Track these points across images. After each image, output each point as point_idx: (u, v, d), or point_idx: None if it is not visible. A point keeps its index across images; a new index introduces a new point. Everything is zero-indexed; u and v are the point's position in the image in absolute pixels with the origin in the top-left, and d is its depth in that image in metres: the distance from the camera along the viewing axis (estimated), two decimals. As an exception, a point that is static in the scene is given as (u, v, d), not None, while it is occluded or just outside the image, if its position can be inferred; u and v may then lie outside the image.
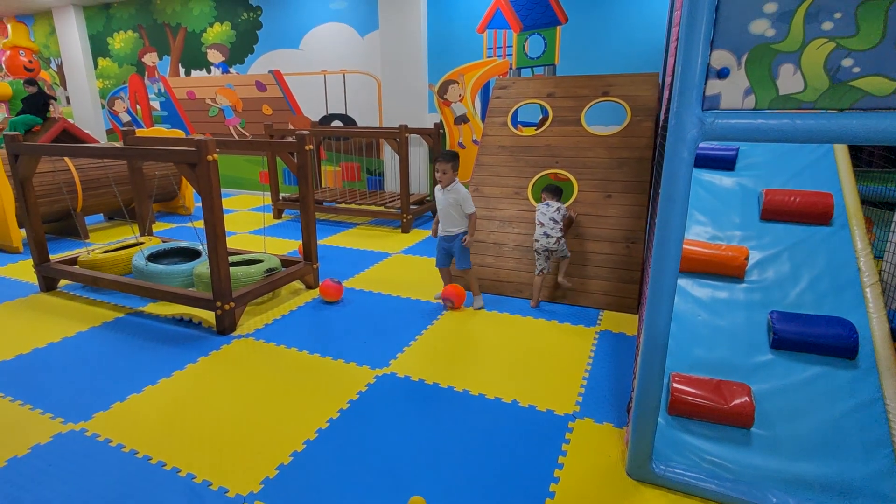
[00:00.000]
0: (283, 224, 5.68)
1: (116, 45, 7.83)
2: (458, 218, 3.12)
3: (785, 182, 2.63)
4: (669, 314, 1.60)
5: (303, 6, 6.35)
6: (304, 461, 1.87)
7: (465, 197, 3.09)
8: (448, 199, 3.09)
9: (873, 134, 1.33)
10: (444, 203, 3.12)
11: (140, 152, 2.95)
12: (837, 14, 1.30)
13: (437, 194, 3.17)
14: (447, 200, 3.10)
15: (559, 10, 5.12)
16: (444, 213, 3.14)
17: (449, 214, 3.13)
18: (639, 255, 3.31)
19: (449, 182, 3.08)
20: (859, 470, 1.69)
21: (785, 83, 1.38)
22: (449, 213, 3.12)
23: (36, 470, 1.84)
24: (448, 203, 3.10)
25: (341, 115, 6.55)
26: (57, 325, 3.03)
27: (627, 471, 1.80)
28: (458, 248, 3.17)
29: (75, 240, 4.91)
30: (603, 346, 2.77)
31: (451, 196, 3.08)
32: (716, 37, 1.41)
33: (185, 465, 1.85)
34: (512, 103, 4.22)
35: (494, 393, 2.32)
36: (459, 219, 3.13)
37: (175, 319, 3.10)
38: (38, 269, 3.54)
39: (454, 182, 3.10)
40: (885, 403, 1.82)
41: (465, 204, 3.08)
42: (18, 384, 2.40)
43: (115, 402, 2.25)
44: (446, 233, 3.19)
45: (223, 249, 2.78)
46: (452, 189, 3.08)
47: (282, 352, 2.70)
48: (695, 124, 1.45)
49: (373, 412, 2.18)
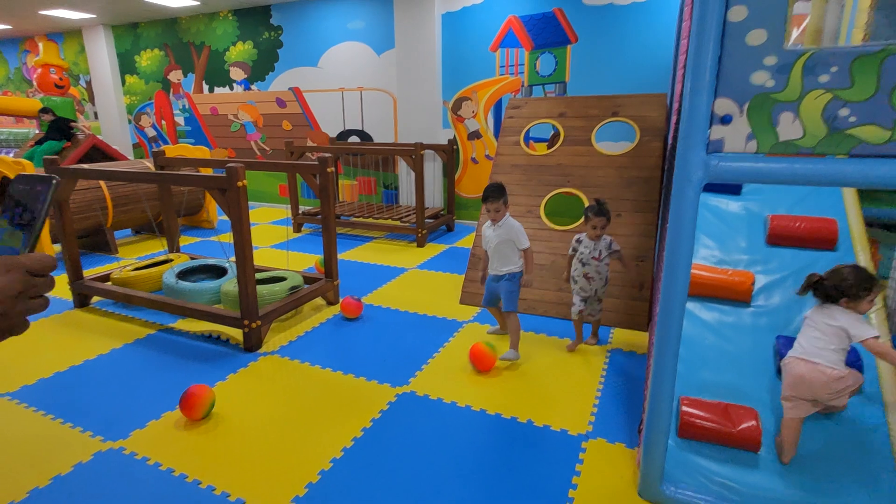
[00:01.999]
0: (303, 238, 5.84)
1: (143, 62, 8.11)
2: (511, 255, 2.78)
3: (790, 207, 2.70)
4: (678, 340, 1.69)
5: (322, 26, 6.54)
6: (333, 479, 1.98)
7: (518, 231, 2.73)
8: (500, 236, 2.75)
9: (869, 179, 1.41)
10: (495, 240, 2.77)
11: (174, 178, 3.11)
12: (833, 68, 1.39)
13: (485, 232, 2.82)
14: (499, 237, 2.75)
15: (569, 30, 5.23)
16: (496, 251, 2.79)
17: (501, 253, 2.77)
18: (648, 272, 3.39)
19: (501, 218, 2.75)
20: (863, 497, 1.74)
21: (785, 130, 1.47)
22: (501, 250, 2.77)
23: (78, 489, 1.94)
24: (501, 240, 2.75)
25: (358, 130, 6.71)
26: (92, 341, 3.19)
27: (639, 492, 1.88)
28: (505, 289, 2.81)
29: (105, 254, 5.11)
30: (614, 365, 2.85)
31: (503, 232, 2.74)
32: (719, 86, 1.50)
33: (219, 484, 1.96)
34: (524, 123, 4.32)
35: (510, 412, 2.41)
36: (513, 256, 2.78)
37: (204, 336, 3.25)
38: (72, 286, 3.71)
39: (506, 216, 2.77)
40: (889, 429, 1.88)
41: (518, 239, 2.73)
42: (59, 402, 2.53)
43: (150, 420, 2.37)
44: (496, 273, 2.84)
45: (251, 270, 2.92)
46: (504, 224, 2.74)
47: (306, 369, 2.83)
48: (700, 167, 1.54)
49: (394, 431, 2.28)
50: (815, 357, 1.87)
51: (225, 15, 7.14)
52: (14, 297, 0.51)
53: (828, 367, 1.85)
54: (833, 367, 1.85)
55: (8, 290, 0.51)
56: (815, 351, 1.89)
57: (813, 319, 1.95)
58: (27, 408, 2.48)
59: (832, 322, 1.88)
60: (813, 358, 1.88)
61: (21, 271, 0.53)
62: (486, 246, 2.84)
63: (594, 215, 2.74)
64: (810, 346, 1.91)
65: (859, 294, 1.86)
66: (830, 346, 1.87)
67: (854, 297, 1.86)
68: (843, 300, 1.89)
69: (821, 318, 1.92)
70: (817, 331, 1.91)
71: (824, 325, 1.89)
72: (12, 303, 0.51)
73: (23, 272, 0.52)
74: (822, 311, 1.93)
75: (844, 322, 1.86)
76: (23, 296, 0.52)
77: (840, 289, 1.88)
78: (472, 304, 3.74)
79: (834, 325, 1.87)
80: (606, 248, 2.80)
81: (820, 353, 1.87)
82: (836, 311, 1.90)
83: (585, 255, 2.82)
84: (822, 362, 1.86)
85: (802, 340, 1.95)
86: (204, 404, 2.34)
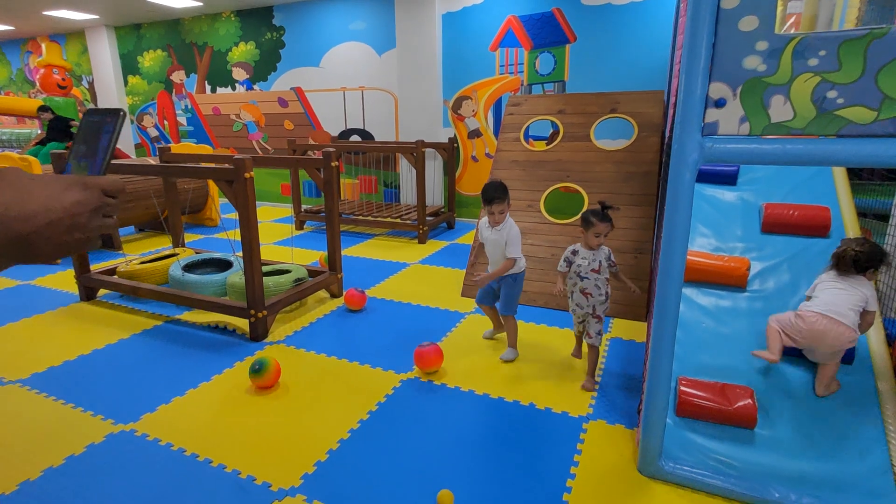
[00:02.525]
0: (305, 235, 5.90)
1: (146, 63, 8.18)
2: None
3: (784, 196, 2.77)
4: (675, 320, 1.75)
5: (324, 26, 6.62)
6: (340, 458, 2.04)
7: (514, 238, 2.61)
8: (501, 239, 2.63)
9: (857, 158, 1.47)
10: (493, 243, 2.67)
11: (182, 170, 3.17)
12: (822, 52, 1.45)
13: (484, 232, 2.71)
14: (499, 240, 2.64)
15: (568, 29, 5.31)
16: (497, 254, 2.69)
17: (502, 256, 2.66)
18: (647, 265, 3.45)
19: (503, 219, 2.62)
20: (855, 467, 1.80)
21: (776, 112, 1.53)
22: (502, 253, 2.66)
23: (93, 467, 1.99)
24: (499, 244, 2.65)
25: (359, 129, 6.78)
26: (100, 332, 3.24)
27: (639, 468, 1.93)
28: (506, 293, 2.74)
29: (109, 251, 5.16)
30: (614, 353, 2.91)
31: (503, 235, 2.63)
32: (713, 71, 1.57)
33: (230, 462, 2.01)
34: (524, 119, 4.39)
35: (512, 396, 2.47)
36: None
37: (211, 327, 3.30)
38: (79, 279, 3.76)
39: (507, 218, 2.65)
40: (881, 405, 1.94)
41: (509, 246, 2.61)
42: (69, 388, 2.58)
43: (160, 405, 2.43)
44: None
45: (258, 261, 2.98)
46: (504, 227, 2.63)
47: (312, 357, 2.88)
48: (695, 149, 1.61)
49: (400, 413, 2.34)
50: (840, 316, 2.01)
51: (227, 16, 7.22)
52: (91, 212, 0.57)
53: (849, 327, 2.00)
54: (853, 328, 2.01)
55: (87, 203, 0.57)
56: (841, 311, 2.03)
57: (839, 282, 2.12)
58: (38, 393, 2.53)
59: (860, 287, 2.06)
60: (837, 316, 2.02)
61: (97, 189, 0.59)
62: (483, 241, 2.77)
63: (599, 221, 2.34)
64: (837, 304, 2.05)
65: (881, 266, 2.08)
66: (856, 308, 2.04)
67: (876, 268, 2.09)
68: (870, 271, 2.09)
69: (847, 282, 2.09)
70: (845, 293, 2.07)
71: (852, 288, 2.07)
72: (89, 217, 0.57)
73: (98, 191, 0.58)
74: (846, 277, 2.11)
75: (867, 291, 2.06)
76: (97, 211, 0.58)
77: (873, 260, 2.08)
78: (473, 296, 3.79)
79: (861, 290, 2.06)
80: (606, 258, 2.42)
81: (847, 313, 2.02)
82: (861, 280, 2.09)
83: (584, 268, 2.41)
84: (845, 322, 2.00)
85: (827, 298, 2.08)
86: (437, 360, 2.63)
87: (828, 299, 2.07)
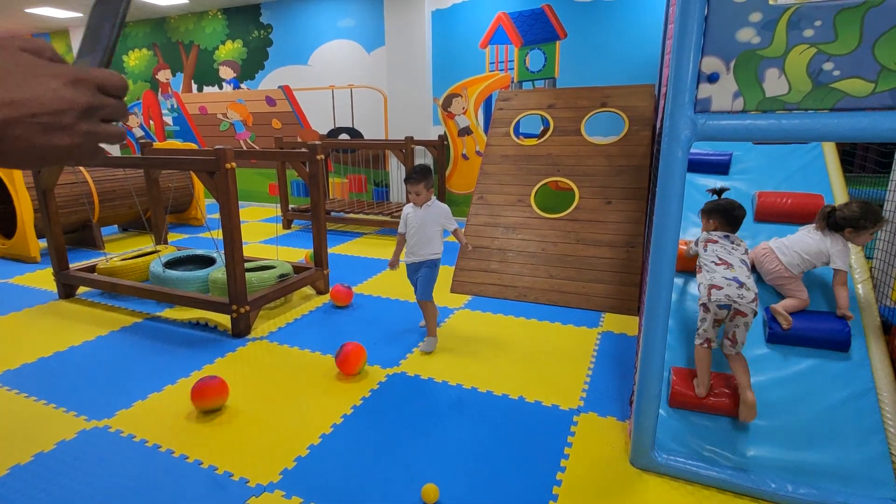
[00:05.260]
0: (292, 234, 5.81)
1: (131, 62, 8.06)
2: (434, 238, 2.70)
3: (777, 185, 2.73)
4: (668, 307, 1.69)
5: (312, 24, 6.55)
6: (321, 453, 1.95)
7: (447, 212, 2.71)
8: (426, 217, 2.67)
9: (854, 132, 1.42)
10: (418, 222, 2.68)
11: (162, 161, 3.08)
12: (818, 22, 1.41)
13: (408, 214, 2.73)
14: (423, 218, 2.67)
15: (558, 26, 5.28)
16: (419, 234, 2.68)
17: (425, 235, 2.68)
18: (638, 258, 3.40)
19: (426, 200, 2.68)
20: (854, 456, 1.75)
21: (771, 86, 1.49)
22: (425, 233, 2.68)
23: (62, 464, 1.91)
24: (426, 221, 2.67)
25: (349, 128, 6.70)
26: (77, 329, 3.13)
27: (631, 460, 1.87)
28: (424, 276, 2.74)
29: (91, 250, 5.03)
30: (605, 346, 2.85)
31: (430, 213, 2.67)
32: (706, 44, 1.52)
33: (206, 458, 1.93)
34: (514, 114, 4.35)
35: (501, 390, 2.39)
36: (436, 239, 2.71)
37: (192, 323, 3.20)
38: (57, 276, 3.65)
39: (432, 199, 2.72)
40: (878, 393, 1.89)
41: (448, 220, 2.71)
42: (41, 384, 2.48)
43: (136, 401, 2.33)
44: (415, 258, 2.73)
45: (240, 254, 2.89)
46: (433, 205, 2.69)
47: (296, 353, 2.79)
48: (688, 125, 1.55)
49: (385, 408, 2.26)
50: (781, 253, 2.22)
51: (214, 14, 7.13)
52: (80, 113, 0.44)
53: (783, 265, 2.20)
54: (788, 269, 2.19)
55: (73, 103, 0.43)
56: (785, 250, 2.22)
57: (808, 230, 2.24)
58: (10, 391, 2.42)
59: (822, 244, 2.15)
60: (778, 252, 2.23)
61: (90, 85, 0.45)
62: (406, 229, 2.74)
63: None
64: (787, 244, 2.23)
65: (865, 226, 2.09)
66: (807, 254, 2.16)
67: (859, 227, 2.10)
68: (848, 230, 2.12)
69: (817, 234, 2.19)
70: (805, 240, 2.20)
71: (813, 240, 2.18)
72: (77, 118, 0.44)
73: (92, 87, 0.45)
74: (820, 230, 2.19)
75: (832, 248, 2.12)
76: (91, 113, 0.45)
77: (848, 219, 2.11)
78: (462, 292, 3.73)
79: (822, 246, 2.15)
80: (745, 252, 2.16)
81: (791, 254, 2.20)
82: (834, 238, 2.14)
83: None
84: (782, 259, 2.20)
85: (787, 238, 2.27)
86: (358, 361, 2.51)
87: (786, 240, 2.26)
